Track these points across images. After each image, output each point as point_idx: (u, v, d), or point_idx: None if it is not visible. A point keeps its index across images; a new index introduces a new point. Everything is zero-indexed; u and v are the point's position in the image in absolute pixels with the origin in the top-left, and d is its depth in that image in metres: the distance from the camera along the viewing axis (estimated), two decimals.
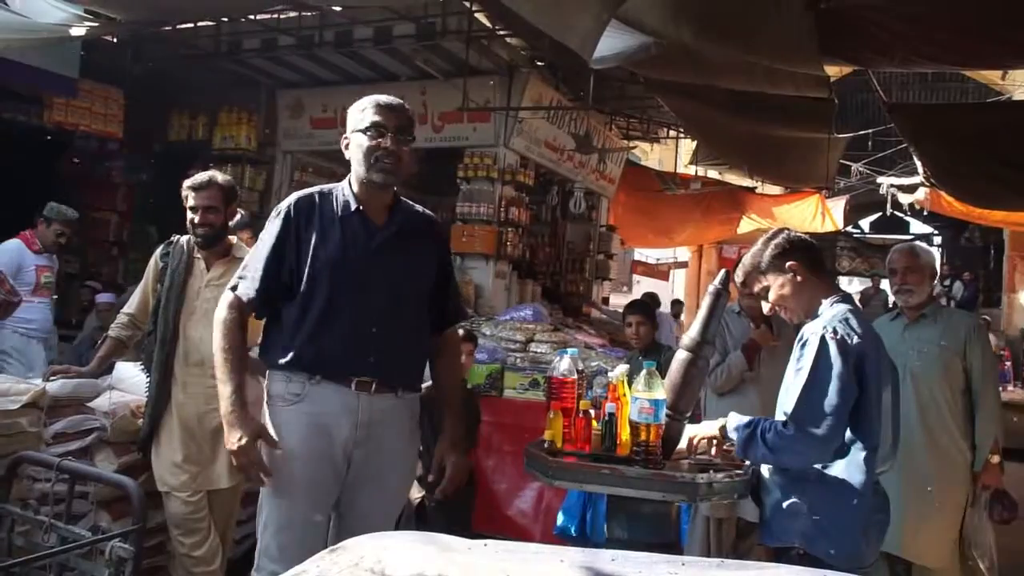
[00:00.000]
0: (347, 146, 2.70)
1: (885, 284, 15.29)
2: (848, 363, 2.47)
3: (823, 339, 2.49)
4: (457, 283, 3.12)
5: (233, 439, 2.49)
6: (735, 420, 2.63)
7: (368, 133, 2.62)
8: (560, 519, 4.67)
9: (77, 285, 8.79)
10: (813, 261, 2.73)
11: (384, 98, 2.69)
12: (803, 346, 2.56)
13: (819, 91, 5.64)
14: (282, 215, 2.67)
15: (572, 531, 4.44)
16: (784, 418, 2.52)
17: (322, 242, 2.62)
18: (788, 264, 2.68)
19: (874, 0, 4.19)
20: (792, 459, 2.51)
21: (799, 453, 2.48)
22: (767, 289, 2.75)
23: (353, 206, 2.67)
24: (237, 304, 2.62)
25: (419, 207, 2.90)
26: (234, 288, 2.64)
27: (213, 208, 3.57)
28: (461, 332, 3.72)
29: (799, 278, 2.68)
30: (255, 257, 2.66)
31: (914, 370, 3.83)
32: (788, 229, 2.87)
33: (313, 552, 2.36)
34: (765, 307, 2.81)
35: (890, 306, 12.28)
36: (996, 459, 3.81)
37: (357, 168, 2.67)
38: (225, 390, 2.55)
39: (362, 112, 2.66)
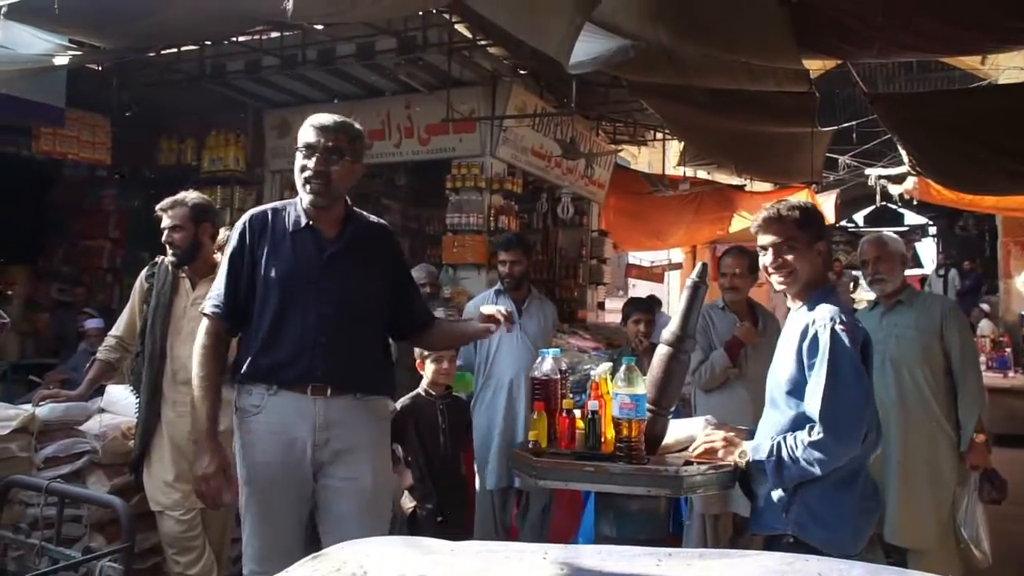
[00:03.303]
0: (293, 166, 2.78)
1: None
2: (858, 351, 2.46)
3: (834, 332, 2.43)
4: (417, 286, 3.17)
5: (200, 465, 2.62)
6: (753, 453, 2.55)
7: (300, 153, 2.70)
8: (582, 534, 4.63)
9: (73, 313, 8.83)
10: (831, 253, 2.71)
11: (321, 118, 2.74)
12: (811, 341, 2.48)
13: (799, 85, 5.67)
14: (236, 232, 2.76)
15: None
16: (793, 422, 2.49)
17: (273, 258, 2.71)
18: (820, 242, 2.62)
19: None
20: (832, 464, 2.42)
21: (838, 455, 2.41)
22: (774, 245, 2.62)
23: (304, 222, 2.74)
24: (211, 328, 2.73)
25: (372, 217, 2.97)
26: (204, 311, 2.75)
27: (178, 227, 3.65)
28: None
29: (818, 259, 2.63)
30: (218, 277, 2.77)
31: (893, 355, 3.88)
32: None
33: (289, 551, 2.46)
34: (767, 259, 2.66)
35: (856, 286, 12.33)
36: (982, 438, 3.83)
37: (297, 184, 2.75)
38: (199, 416, 2.68)
39: (301, 133, 2.74)
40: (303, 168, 2.69)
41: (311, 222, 2.74)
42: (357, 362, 2.76)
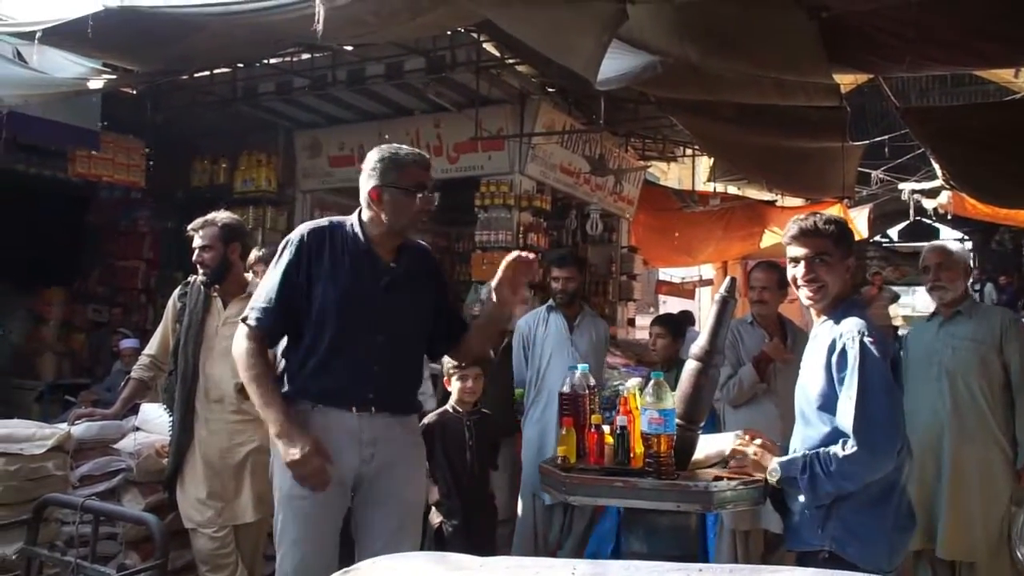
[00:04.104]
0: (377, 196, 2.73)
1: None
2: (887, 363, 2.42)
3: (863, 344, 2.39)
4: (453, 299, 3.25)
5: (295, 451, 2.51)
6: (783, 469, 2.49)
7: (413, 193, 2.72)
8: (591, 543, 4.62)
9: (108, 333, 8.95)
10: (859, 269, 2.66)
11: (419, 155, 2.78)
12: (840, 354, 2.44)
13: (830, 100, 5.62)
14: (294, 245, 2.73)
15: (606, 555, 4.37)
16: (829, 438, 2.43)
17: (332, 278, 2.70)
18: (850, 259, 2.60)
19: (876, 5, 4.18)
20: (867, 477, 2.39)
21: (873, 469, 2.38)
22: (807, 258, 2.57)
23: (364, 244, 2.75)
24: (253, 334, 2.68)
25: (416, 241, 2.99)
26: (245, 319, 2.71)
27: (208, 247, 3.69)
28: None
29: (847, 274, 2.60)
30: (266, 287, 2.73)
31: (948, 367, 3.80)
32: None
33: (328, 567, 2.44)
34: (799, 271, 2.60)
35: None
36: None
37: (392, 220, 2.73)
38: (269, 413, 2.59)
39: (400, 169, 2.72)
40: (420, 210, 2.74)
41: (371, 246, 2.76)
42: (401, 388, 2.83)
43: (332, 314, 2.67)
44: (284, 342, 2.86)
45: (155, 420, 3.93)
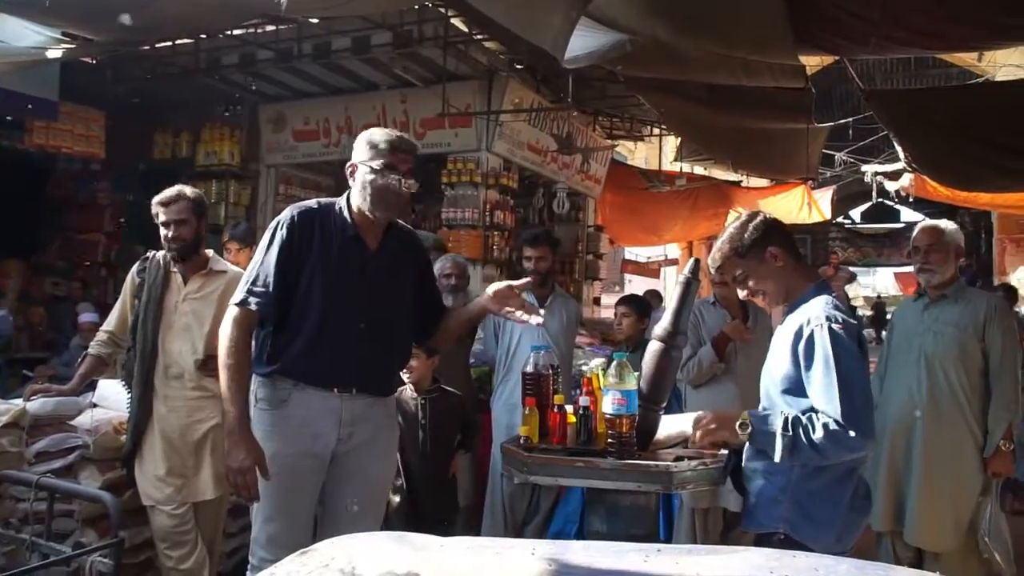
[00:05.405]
0: (352, 174, 2.77)
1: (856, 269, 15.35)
2: (855, 345, 2.42)
3: (831, 330, 2.38)
4: (438, 289, 3.24)
5: (235, 459, 2.56)
6: (756, 423, 2.44)
7: (381, 174, 2.70)
8: (555, 522, 4.65)
9: (68, 307, 8.81)
10: (791, 245, 2.62)
11: (398, 139, 2.76)
12: (807, 340, 2.42)
13: (796, 81, 5.64)
14: (285, 228, 2.73)
15: (571, 534, 4.40)
16: (821, 416, 2.37)
17: (320, 264, 2.72)
18: (769, 251, 2.56)
19: None
20: (843, 456, 2.37)
21: (855, 450, 2.36)
22: (745, 276, 2.62)
23: (351, 231, 2.77)
24: (243, 320, 2.68)
25: (404, 226, 3.00)
26: (243, 303, 2.68)
27: (183, 221, 3.59)
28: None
29: (779, 264, 2.56)
30: (264, 270, 2.70)
31: (928, 351, 3.77)
32: (762, 212, 2.72)
33: (300, 539, 2.48)
34: (741, 293, 2.73)
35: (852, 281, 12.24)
36: (1008, 446, 3.68)
37: (361, 201, 2.75)
38: (231, 408, 2.61)
39: (374, 149, 2.73)
40: (383, 189, 2.70)
41: (357, 232, 2.77)
42: (382, 372, 2.89)
43: (318, 299, 2.70)
44: None
45: (113, 396, 3.86)
